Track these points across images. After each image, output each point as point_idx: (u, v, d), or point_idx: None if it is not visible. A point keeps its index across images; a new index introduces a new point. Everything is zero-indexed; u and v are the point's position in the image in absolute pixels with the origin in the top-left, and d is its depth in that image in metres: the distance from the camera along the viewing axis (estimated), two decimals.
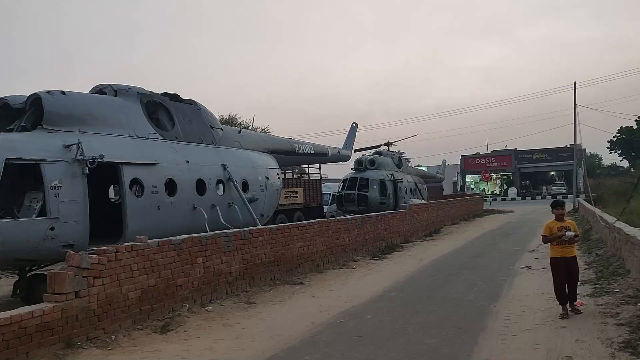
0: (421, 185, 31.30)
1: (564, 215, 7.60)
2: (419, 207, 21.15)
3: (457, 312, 7.72)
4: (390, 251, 15.40)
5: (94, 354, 6.07)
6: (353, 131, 26.91)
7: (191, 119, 12.34)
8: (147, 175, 10.08)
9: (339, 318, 7.64)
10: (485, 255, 14.05)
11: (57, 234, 8.33)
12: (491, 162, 70.11)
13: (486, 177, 47.94)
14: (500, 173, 73.06)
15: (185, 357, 6.05)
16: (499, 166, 70.32)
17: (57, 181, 8.44)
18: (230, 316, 7.87)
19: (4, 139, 8.55)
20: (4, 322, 5.32)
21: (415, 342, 6.33)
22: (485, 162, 69.89)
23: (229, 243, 9.15)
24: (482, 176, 49.20)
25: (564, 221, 7.46)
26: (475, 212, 32.39)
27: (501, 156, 70.95)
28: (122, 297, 6.89)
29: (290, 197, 21.38)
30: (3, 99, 9.50)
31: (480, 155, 72.79)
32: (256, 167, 13.91)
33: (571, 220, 7.95)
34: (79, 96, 10.02)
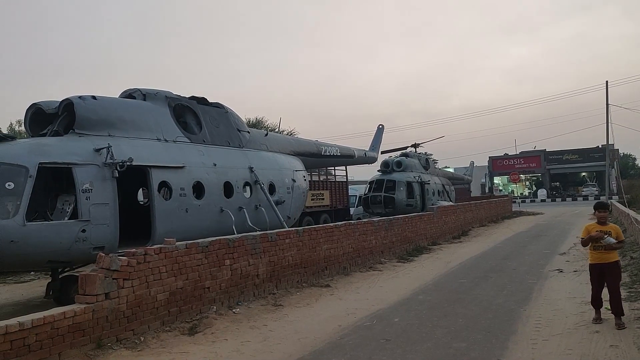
0: (449, 187, 30.95)
1: (606, 218, 7.16)
2: (446, 209, 20.87)
3: (486, 316, 7.56)
4: (418, 254, 15.23)
5: (123, 354, 6.15)
6: (379, 133, 26.78)
7: (218, 122, 12.45)
8: (175, 178, 10.21)
9: (366, 321, 7.57)
10: (514, 258, 13.75)
11: (88, 236, 8.50)
12: (520, 163, 68.74)
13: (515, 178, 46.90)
14: (530, 174, 71.62)
15: (213, 359, 6.07)
16: (528, 167, 68.92)
17: (88, 184, 8.62)
18: (257, 318, 7.88)
19: (37, 143, 8.78)
20: (37, 322, 5.42)
21: (444, 345, 6.21)
22: (514, 163, 68.56)
23: (256, 245, 9.18)
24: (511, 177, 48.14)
25: (607, 225, 6.99)
26: (503, 214, 31.79)
27: (530, 157, 69.53)
28: (151, 298, 6.97)
29: (317, 199, 21.39)
30: (37, 104, 9.76)
31: (509, 157, 71.51)
32: (283, 170, 13.95)
33: (614, 225, 7.34)
34: (109, 101, 10.22)
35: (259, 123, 39.61)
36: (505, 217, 31.28)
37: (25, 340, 5.27)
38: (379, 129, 27.03)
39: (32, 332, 5.34)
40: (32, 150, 8.41)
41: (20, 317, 5.41)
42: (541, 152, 68.72)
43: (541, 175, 69.56)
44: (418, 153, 28.85)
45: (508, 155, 72.30)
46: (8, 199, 7.90)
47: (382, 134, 26.89)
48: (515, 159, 70.32)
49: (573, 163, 66.93)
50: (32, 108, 9.79)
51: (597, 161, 59.43)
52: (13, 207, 7.81)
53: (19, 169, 7.98)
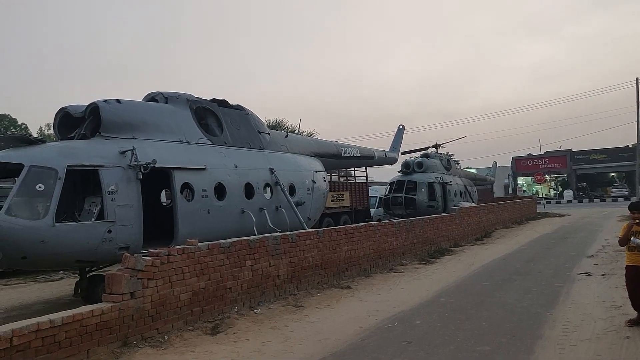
0: (471, 187, 30.61)
1: None
2: (468, 210, 20.64)
3: (511, 319, 7.46)
4: (440, 255, 15.11)
5: (148, 352, 6.26)
6: (400, 133, 26.63)
7: (239, 124, 12.57)
8: (197, 180, 10.34)
9: (387, 323, 7.55)
10: (539, 261, 13.53)
11: (113, 237, 8.68)
12: (545, 163, 67.58)
13: (539, 179, 46.13)
14: (555, 175, 70.31)
15: (235, 359, 6.13)
16: (553, 167, 67.69)
17: (113, 186, 8.80)
18: (278, 319, 7.93)
19: (65, 146, 9.00)
20: (67, 320, 5.57)
21: (467, 349, 6.16)
22: (539, 163, 67.45)
23: (277, 246, 9.23)
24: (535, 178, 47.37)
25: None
26: (528, 216, 31.30)
27: (555, 157, 68.30)
28: (174, 298, 7.08)
29: (337, 200, 21.40)
30: (64, 109, 10.00)
31: (533, 157, 70.39)
32: (303, 171, 14.00)
33: None
34: (133, 104, 10.41)
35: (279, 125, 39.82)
36: (529, 218, 30.79)
37: (55, 337, 5.42)
38: (400, 129, 26.88)
39: (62, 329, 5.49)
40: (61, 153, 8.62)
41: (50, 315, 5.56)
42: (567, 152, 67.44)
43: (567, 175, 68.27)
44: (439, 154, 28.60)
45: (532, 155, 71.19)
46: (38, 200, 8.13)
47: (402, 135, 26.73)
48: (539, 159, 69.20)
49: (601, 163, 65.50)
50: (60, 112, 10.04)
51: (627, 161, 58.07)
52: (43, 208, 8.03)
53: (49, 171, 8.19)
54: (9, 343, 4.97)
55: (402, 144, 26.45)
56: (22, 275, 13.31)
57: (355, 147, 19.44)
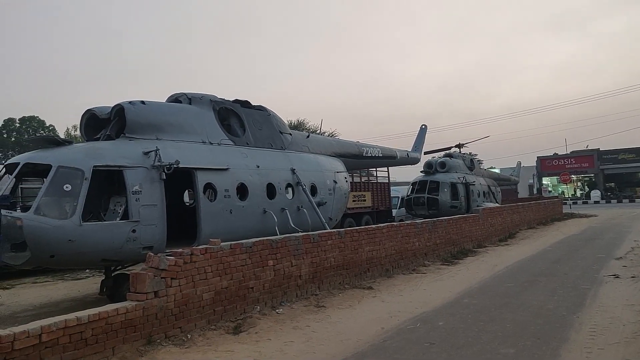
0: (494, 188, 30.22)
1: None
2: (492, 210, 20.36)
3: (536, 322, 7.33)
4: (463, 256, 14.94)
5: (172, 351, 6.33)
6: (422, 133, 26.42)
7: (261, 125, 12.64)
8: (220, 180, 10.43)
9: (409, 324, 7.50)
10: (565, 262, 13.26)
11: (138, 236, 8.81)
12: (571, 163, 66.27)
13: (565, 179, 45.20)
14: (582, 175, 68.86)
15: (257, 359, 6.16)
16: (580, 167, 66.29)
17: (137, 186, 8.94)
18: (300, 319, 7.94)
19: (91, 147, 9.18)
20: (93, 317, 5.68)
21: (490, 351, 6.07)
22: (564, 163, 66.16)
23: (299, 246, 9.25)
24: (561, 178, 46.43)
25: None
26: (553, 216, 30.71)
27: (582, 157, 66.91)
28: (197, 297, 7.15)
29: (358, 200, 21.33)
30: (91, 110, 10.21)
31: (559, 156, 69.09)
32: (324, 171, 14.00)
33: None
34: (157, 105, 10.56)
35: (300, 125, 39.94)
36: (555, 219, 30.20)
37: (82, 334, 5.53)
38: (422, 129, 26.66)
39: (88, 326, 5.60)
40: (87, 154, 8.80)
41: (77, 312, 5.67)
42: (594, 152, 66.00)
43: (594, 175, 66.80)
44: (462, 153, 28.31)
45: (558, 155, 69.89)
46: (66, 200, 8.32)
47: (425, 134, 26.51)
48: (565, 158, 67.90)
49: (630, 163, 63.88)
50: (86, 114, 10.25)
51: None
52: (70, 208, 8.21)
53: (76, 171, 8.37)
54: (38, 339, 5.09)
55: (424, 144, 26.26)
56: (50, 274, 13.63)
57: (377, 147, 19.36)
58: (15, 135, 59.85)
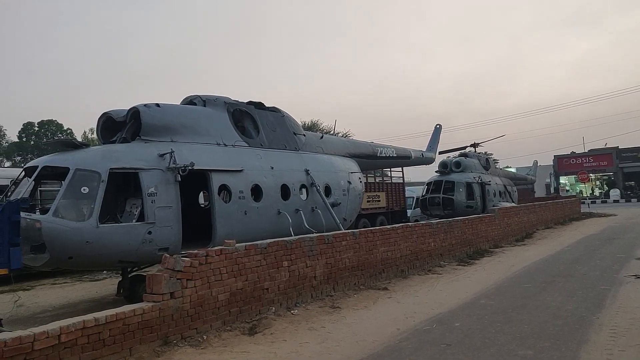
0: (511, 187, 29.91)
1: None
2: (508, 210, 20.15)
3: (554, 323, 7.22)
4: (479, 257, 14.80)
5: (188, 352, 6.37)
6: (437, 133, 26.25)
7: (275, 126, 12.68)
8: (235, 182, 10.47)
9: (425, 325, 7.44)
10: (584, 262, 13.06)
11: (153, 238, 8.88)
12: (589, 161, 65.24)
13: (583, 178, 44.53)
14: (600, 173, 67.75)
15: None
16: (598, 166, 65.23)
17: (153, 188, 9.01)
18: (315, 320, 7.93)
19: (107, 150, 9.29)
20: (110, 318, 5.74)
21: (508, 352, 5.99)
22: (582, 161, 65.15)
23: (313, 247, 9.25)
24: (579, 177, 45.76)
25: None
26: (571, 216, 30.28)
27: (600, 155, 65.83)
28: (212, 298, 7.18)
29: (373, 201, 21.25)
30: (107, 113, 10.32)
31: (576, 155, 68.08)
32: (338, 172, 13.98)
33: None
34: (172, 108, 10.64)
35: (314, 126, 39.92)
36: (573, 218, 29.79)
37: (100, 335, 5.59)
38: (436, 128, 26.50)
39: (106, 327, 5.66)
40: (104, 156, 8.91)
41: (95, 313, 5.74)
42: (613, 150, 64.89)
43: (613, 174, 65.67)
44: (478, 153, 28.06)
45: (575, 153, 68.89)
46: (83, 203, 8.43)
47: (439, 134, 26.34)
48: (583, 157, 66.89)
49: None
50: (103, 117, 10.36)
51: None
52: (88, 210, 8.32)
53: (93, 174, 8.48)
54: (57, 340, 5.16)
55: (439, 144, 26.09)
56: (69, 275, 13.82)
57: (391, 147, 19.28)
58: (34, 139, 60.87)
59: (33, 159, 26.01)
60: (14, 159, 59.45)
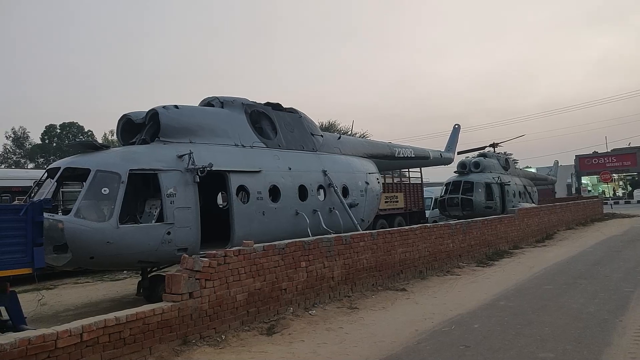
0: (531, 188, 29.51)
1: None
2: (528, 211, 19.88)
3: (576, 325, 7.10)
4: (498, 258, 14.63)
5: (207, 351, 6.42)
6: (455, 133, 26.07)
7: (292, 127, 12.72)
8: (253, 182, 10.54)
9: (444, 326, 7.38)
10: (606, 264, 12.81)
11: (172, 238, 8.98)
12: (611, 161, 63.98)
13: (606, 178, 43.72)
14: (623, 173, 66.42)
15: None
16: (622, 166, 63.91)
17: (172, 189, 9.12)
18: (333, 320, 7.93)
19: (127, 152, 9.42)
20: (131, 317, 5.82)
21: (528, 355, 5.91)
22: (605, 161, 63.92)
23: (331, 248, 9.25)
24: (601, 177, 44.98)
25: None
26: (593, 217, 29.75)
27: (624, 155, 64.48)
28: (231, 299, 7.23)
29: (391, 202, 21.18)
30: (126, 115, 10.48)
31: (599, 155, 66.83)
32: (356, 172, 13.96)
33: None
34: (190, 109, 10.75)
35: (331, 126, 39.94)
36: (595, 219, 29.26)
37: (121, 333, 5.67)
38: (455, 128, 26.30)
39: (126, 326, 5.74)
40: (124, 158, 9.04)
41: (116, 312, 5.83)
42: (637, 149, 63.52)
43: (637, 174, 64.31)
44: (497, 153, 27.76)
45: (597, 153, 67.64)
46: (104, 203, 8.57)
47: (458, 134, 26.15)
48: (606, 157, 65.64)
49: None
50: (122, 119, 10.53)
51: None
52: (108, 211, 8.46)
53: (113, 175, 8.62)
54: (80, 338, 5.25)
55: (457, 144, 25.90)
56: (90, 275, 14.05)
57: (409, 147, 19.19)
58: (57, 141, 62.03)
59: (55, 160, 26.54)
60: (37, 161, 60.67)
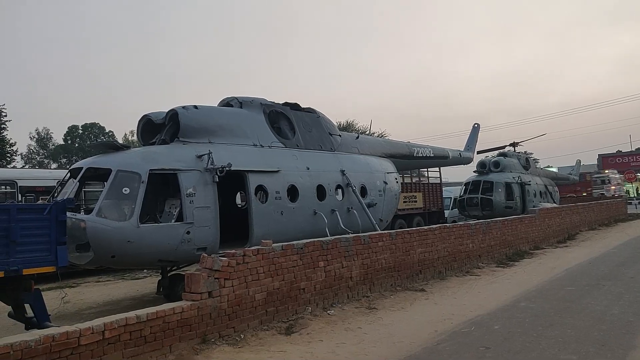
0: (552, 187, 29.04)
1: None
2: (549, 211, 19.58)
3: (599, 327, 6.97)
4: (518, 258, 14.44)
5: (226, 350, 6.46)
6: (475, 132, 25.78)
7: (311, 127, 12.73)
8: (271, 182, 10.57)
9: (463, 327, 7.31)
10: (631, 265, 12.54)
11: (192, 238, 9.06)
12: (636, 160, 62.78)
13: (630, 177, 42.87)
14: None
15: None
16: None
17: (191, 189, 9.19)
18: (351, 320, 7.91)
19: (147, 152, 9.53)
20: (151, 316, 5.88)
21: (550, 357, 5.82)
22: (629, 160, 62.78)
23: (349, 248, 9.23)
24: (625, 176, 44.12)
25: None
26: (617, 217, 29.17)
27: None
28: (250, 298, 7.26)
29: (409, 201, 21.04)
30: (147, 116, 10.60)
31: (622, 154, 65.64)
32: (374, 172, 13.91)
33: None
34: (209, 109, 10.83)
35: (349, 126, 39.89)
36: (619, 219, 28.70)
37: (142, 332, 5.74)
38: (475, 128, 26.01)
39: (147, 324, 5.80)
40: (144, 158, 9.14)
41: (137, 311, 5.90)
42: None
43: None
44: (517, 152, 27.38)
45: (621, 152, 66.41)
46: (125, 203, 8.68)
47: (477, 133, 25.84)
48: (630, 156, 64.44)
49: None
50: (142, 119, 10.65)
51: None
52: (129, 210, 8.56)
53: (133, 175, 8.72)
54: (102, 336, 5.33)
55: (477, 143, 25.61)
56: (111, 273, 14.26)
57: (428, 147, 19.05)
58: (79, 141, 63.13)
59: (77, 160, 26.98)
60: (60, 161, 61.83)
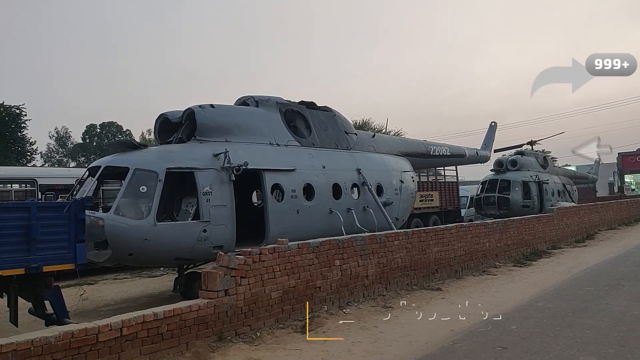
0: (570, 186, 28.65)
1: None
2: (567, 210, 19.32)
3: (619, 328, 6.86)
4: (536, 258, 14.27)
5: (242, 348, 6.51)
6: (492, 130, 25.53)
7: (327, 125, 12.73)
8: (287, 181, 10.60)
9: (480, 327, 7.26)
10: None
11: (208, 236, 9.12)
12: None
13: None
14: None
15: (325, 358, 6.20)
16: None
17: (208, 187, 9.26)
18: (367, 319, 7.90)
19: (164, 150, 9.63)
20: (168, 313, 5.95)
21: (568, 358, 5.75)
22: None
23: (365, 246, 9.21)
24: None
25: None
26: (637, 216, 28.62)
27: None
28: (266, 296, 7.29)
29: (426, 200, 20.93)
30: (164, 115, 10.70)
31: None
32: (390, 171, 13.86)
33: None
34: (226, 108, 10.90)
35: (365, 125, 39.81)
36: (639, 219, 28.17)
37: (159, 329, 5.81)
38: (491, 126, 25.76)
39: (164, 322, 5.87)
40: (161, 156, 9.24)
41: (154, 308, 5.97)
42: None
43: None
44: (535, 151, 27.06)
45: None
46: (142, 201, 8.78)
47: (494, 132, 25.59)
48: None
49: None
50: (160, 118, 10.76)
51: None
52: (146, 209, 8.66)
53: (150, 173, 8.82)
54: (119, 333, 5.41)
55: (494, 142, 25.36)
56: (129, 271, 14.42)
57: (444, 145, 18.92)
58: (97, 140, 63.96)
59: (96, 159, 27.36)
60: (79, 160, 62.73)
